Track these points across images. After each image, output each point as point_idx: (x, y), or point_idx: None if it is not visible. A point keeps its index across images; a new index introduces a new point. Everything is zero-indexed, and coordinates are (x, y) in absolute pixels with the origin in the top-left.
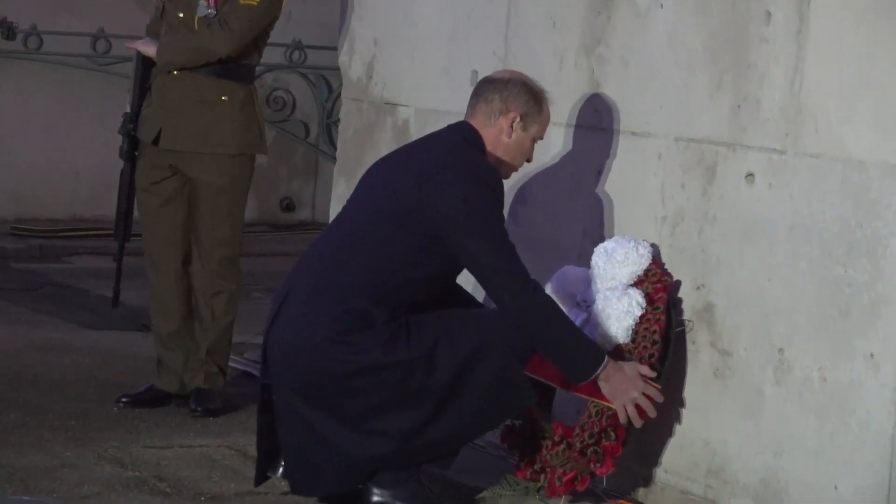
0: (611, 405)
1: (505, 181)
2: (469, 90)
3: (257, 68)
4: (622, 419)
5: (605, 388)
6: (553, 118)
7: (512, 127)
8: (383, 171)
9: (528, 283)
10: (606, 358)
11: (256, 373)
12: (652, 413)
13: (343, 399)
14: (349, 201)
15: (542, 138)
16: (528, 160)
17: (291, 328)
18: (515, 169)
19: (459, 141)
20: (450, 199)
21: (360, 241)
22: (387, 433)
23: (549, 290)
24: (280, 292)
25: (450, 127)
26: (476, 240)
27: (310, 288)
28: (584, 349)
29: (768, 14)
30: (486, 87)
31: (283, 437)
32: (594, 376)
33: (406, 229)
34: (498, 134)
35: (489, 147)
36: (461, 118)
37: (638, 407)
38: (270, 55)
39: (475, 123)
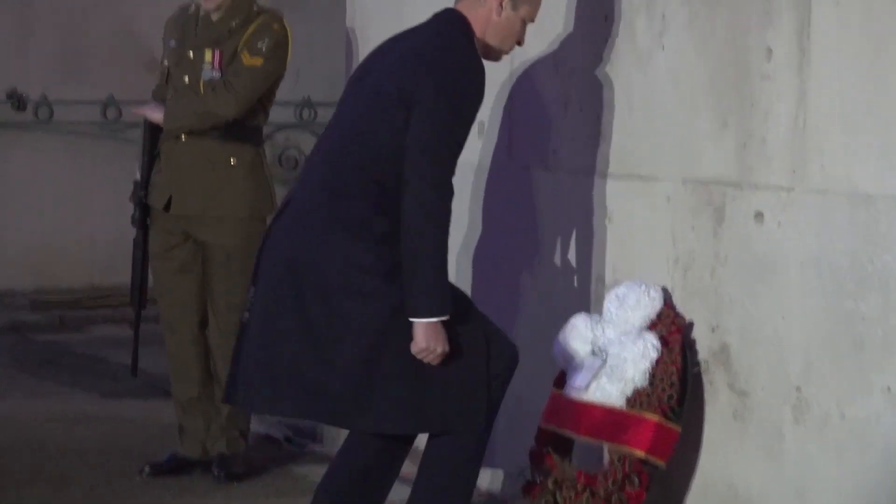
0: (633, 451)
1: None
2: (477, 143)
3: (267, 128)
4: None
5: (418, 331)
6: (557, 164)
7: (501, 6)
8: (368, 64)
9: (443, 183)
10: (446, 318)
11: (279, 435)
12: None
13: (321, 319)
14: (341, 101)
15: (532, 20)
16: (519, 43)
17: (288, 237)
18: (505, 52)
19: (443, 28)
20: (424, 86)
21: (350, 144)
22: (345, 369)
23: (562, 338)
24: (283, 201)
25: (435, 15)
26: (429, 123)
27: (307, 197)
28: (437, 289)
29: (769, 50)
30: None
31: (247, 348)
32: (423, 320)
33: (388, 123)
34: (487, 14)
35: (478, 30)
36: (470, 170)
37: (660, 442)
38: (280, 114)
39: (463, 7)
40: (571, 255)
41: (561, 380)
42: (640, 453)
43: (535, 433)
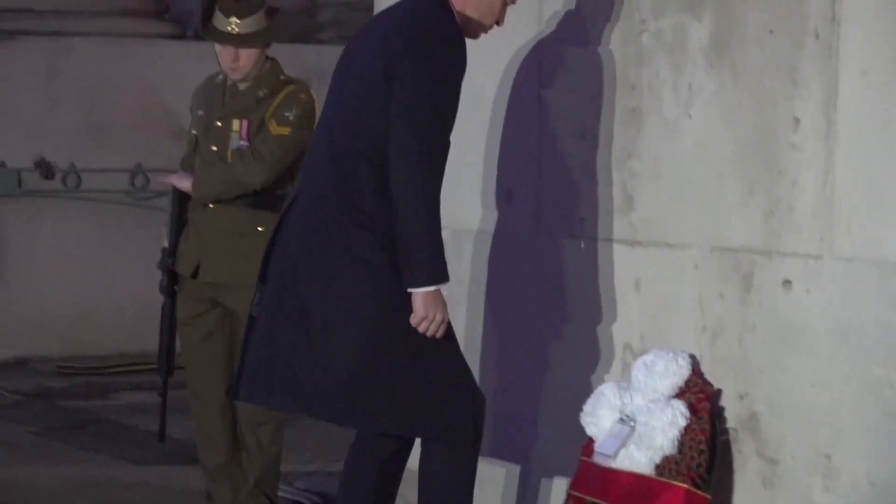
0: None
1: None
2: (504, 209)
3: None
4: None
5: (416, 300)
6: (588, 232)
7: None
8: (352, 49)
9: (430, 156)
10: (443, 285)
11: (306, 502)
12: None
13: (321, 315)
14: (331, 89)
15: (514, 2)
16: (499, 23)
17: (294, 234)
18: (484, 29)
19: (421, 3)
20: (404, 61)
21: (349, 135)
22: (343, 366)
23: (590, 407)
24: (290, 197)
25: None
26: (411, 97)
27: (313, 191)
28: (432, 258)
29: (796, 120)
30: None
31: (253, 344)
32: (422, 289)
33: (382, 108)
34: None
35: (458, 4)
36: (497, 238)
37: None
38: None
39: None
40: (599, 323)
41: (589, 447)
42: None
43: (564, 501)
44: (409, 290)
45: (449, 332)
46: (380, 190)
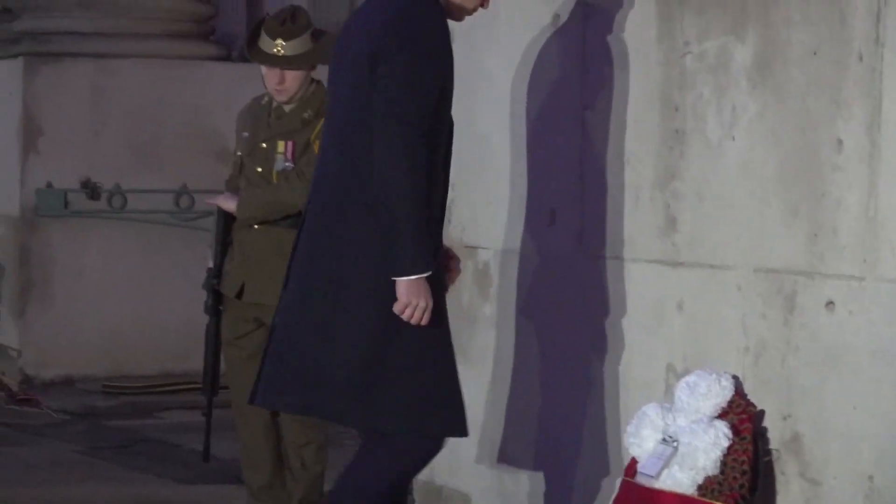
0: None
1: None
2: (548, 232)
3: None
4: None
5: (400, 288)
6: (631, 254)
7: None
8: (343, 41)
9: (413, 142)
10: (427, 274)
11: None
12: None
13: (329, 315)
14: (330, 82)
15: None
16: (484, 6)
17: (309, 237)
18: (468, 11)
19: None
20: (386, 46)
21: (352, 131)
22: (349, 366)
23: (633, 427)
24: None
25: None
26: (393, 81)
27: (325, 191)
28: (416, 246)
29: (839, 142)
30: None
31: (271, 349)
32: (405, 278)
33: (365, 104)
34: None
35: None
36: (541, 259)
37: None
38: None
39: None
40: (642, 344)
41: (632, 467)
42: None
43: None
44: (392, 278)
45: (445, 336)
46: (362, 190)
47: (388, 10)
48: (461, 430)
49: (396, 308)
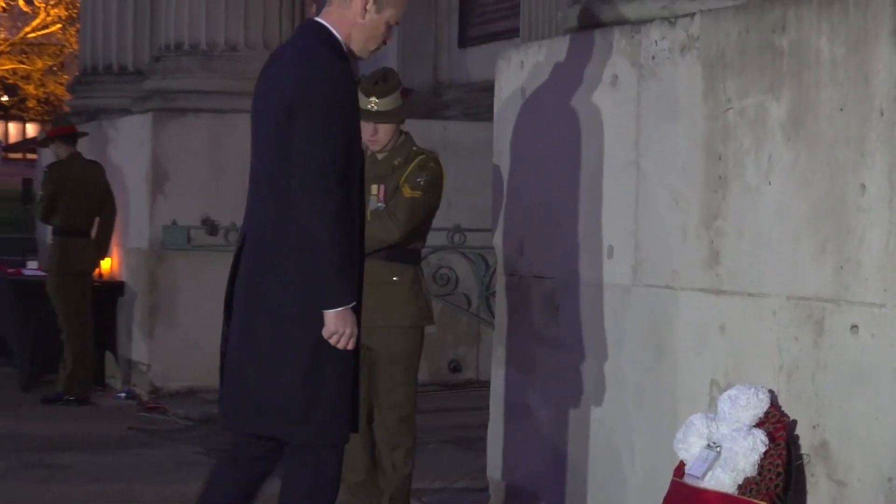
0: None
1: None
2: (606, 262)
3: (423, 250)
4: (329, 337)
5: (328, 319)
6: (678, 282)
7: (366, 9)
8: (258, 90)
9: (327, 186)
10: (352, 305)
11: None
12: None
13: (267, 340)
14: (252, 129)
15: (397, 23)
16: (385, 43)
17: (246, 271)
18: (369, 51)
19: (305, 40)
20: (292, 96)
21: (275, 174)
22: (289, 385)
23: (681, 434)
24: (240, 236)
25: (298, 28)
26: (301, 130)
27: (257, 228)
28: (339, 282)
29: (863, 186)
30: None
31: (224, 377)
32: (332, 310)
33: (281, 146)
34: (353, 16)
35: (343, 31)
36: (600, 288)
37: None
38: (434, 238)
39: (330, 13)
40: (689, 362)
41: (680, 469)
42: None
43: None
44: (321, 310)
45: (356, 356)
46: (286, 230)
47: (304, 67)
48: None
49: (325, 334)
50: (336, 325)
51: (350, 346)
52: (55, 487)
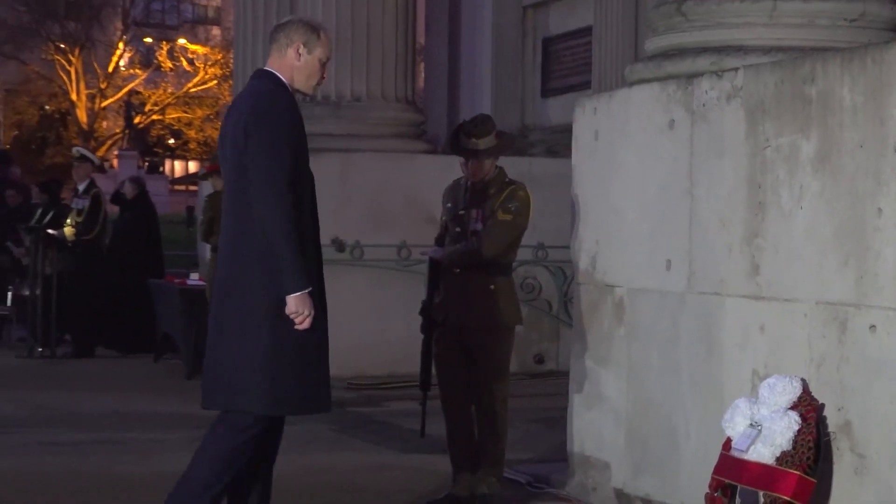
0: (781, 496)
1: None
2: (665, 273)
3: (513, 264)
4: (291, 314)
5: (290, 302)
6: (725, 290)
7: (299, 53)
8: (223, 128)
9: (278, 198)
10: (308, 289)
11: (523, 479)
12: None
13: (233, 322)
14: (219, 148)
15: (327, 60)
16: (324, 78)
17: (220, 273)
18: (312, 86)
19: (257, 84)
20: (247, 127)
21: (238, 195)
22: (251, 361)
23: (728, 415)
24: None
25: (252, 76)
26: (254, 152)
27: (226, 240)
28: (294, 272)
29: (879, 210)
30: (274, 32)
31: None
32: (292, 295)
33: (242, 165)
34: (291, 62)
35: (287, 75)
36: (660, 294)
37: (800, 490)
38: (522, 254)
39: (272, 62)
40: (735, 355)
41: (728, 444)
42: (786, 497)
43: (708, 483)
44: (283, 296)
45: (322, 334)
46: (253, 252)
47: (255, 97)
48: (326, 406)
49: (287, 311)
50: (297, 307)
51: (307, 326)
52: None
